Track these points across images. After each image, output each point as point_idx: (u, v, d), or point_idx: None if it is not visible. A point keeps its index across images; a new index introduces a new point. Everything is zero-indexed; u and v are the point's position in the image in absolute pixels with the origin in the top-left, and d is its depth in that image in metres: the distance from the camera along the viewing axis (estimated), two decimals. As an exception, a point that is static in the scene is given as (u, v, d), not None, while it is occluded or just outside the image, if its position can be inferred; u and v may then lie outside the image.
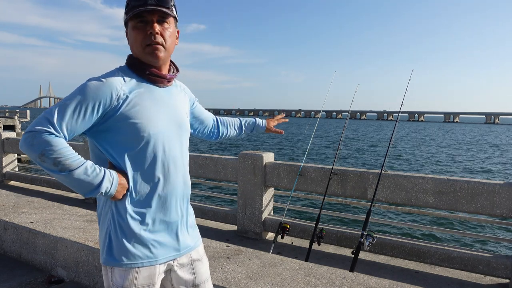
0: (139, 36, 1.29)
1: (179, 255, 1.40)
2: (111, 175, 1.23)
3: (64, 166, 1.15)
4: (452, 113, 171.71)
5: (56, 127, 1.16)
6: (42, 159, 1.14)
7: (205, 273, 1.51)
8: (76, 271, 3.00)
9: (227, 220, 4.98)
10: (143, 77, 1.33)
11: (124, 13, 1.33)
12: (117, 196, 1.26)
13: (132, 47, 1.34)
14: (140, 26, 1.29)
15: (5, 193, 4.49)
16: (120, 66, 1.36)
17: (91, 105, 1.20)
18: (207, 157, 5.06)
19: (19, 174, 7.73)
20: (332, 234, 4.18)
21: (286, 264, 2.58)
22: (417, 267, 3.80)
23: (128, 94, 1.26)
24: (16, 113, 39.70)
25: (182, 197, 1.41)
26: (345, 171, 4.10)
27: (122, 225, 1.28)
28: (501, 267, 3.43)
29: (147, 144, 1.28)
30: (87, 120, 1.22)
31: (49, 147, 1.14)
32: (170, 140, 1.35)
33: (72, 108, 1.19)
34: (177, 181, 1.37)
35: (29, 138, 1.15)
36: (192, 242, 1.46)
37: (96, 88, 1.22)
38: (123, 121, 1.25)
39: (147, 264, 1.30)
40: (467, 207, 3.53)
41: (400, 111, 3.75)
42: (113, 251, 1.28)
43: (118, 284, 1.28)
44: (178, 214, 1.39)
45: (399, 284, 2.27)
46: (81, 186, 1.19)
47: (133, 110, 1.26)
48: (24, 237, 3.38)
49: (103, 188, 1.21)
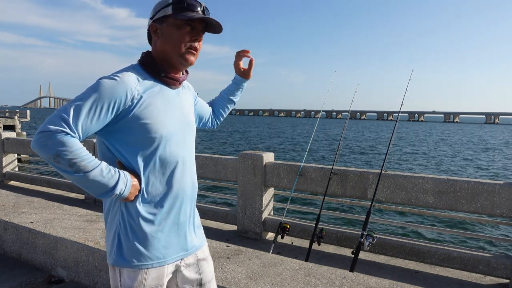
0: (185, 37, 1.30)
1: (187, 255, 1.41)
2: (125, 176, 1.22)
3: (79, 168, 1.13)
4: (452, 113, 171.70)
5: (71, 127, 1.13)
6: (56, 160, 1.11)
7: (210, 273, 1.51)
8: (76, 271, 3.00)
9: (227, 220, 4.98)
10: (157, 78, 1.32)
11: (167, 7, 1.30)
12: (130, 197, 1.24)
13: (166, 45, 1.32)
14: (188, 29, 1.30)
15: (5, 193, 4.49)
16: (132, 65, 1.34)
17: (107, 105, 1.18)
18: (207, 157, 5.06)
19: (19, 174, 7.73)
20: (332, 234, 4.18)
21: (286, 264, 2.58)
22: (417, 267, 3.80)
23: (142, 94, 1.25)
24: (16, 113, 39.70)
25: (190, 198, 1.41)
26: (345, 171, 4.10)
27: (132, 226, 1.27)
28: (501, 267, 3.43)
29: (159, 145, 1.28)
30: (102, 120, 1.19)
31: (64, 148, 1.10)
32: (180, 141, 1.35)
33: (88, 107, 1.15)
34: (186, 182, 1.38)
35: (42, 138, 1.11)
36: (198, 242, 1.47)
37: (112, 87, 1.19)
38: (135, 122, 1.23)
39: (157, 265, 1.30)
40: (467, 207, 3.53)
41: (400, 111, 3.75)
42: (123, 252, 1.27)
43: (126, 285, 1.28)
44: (186, 215, 1.39)
45: (399, 284, 2.27)
46: (96, 188, 1.18)
47: (146, 111, 1.25)
48: (24, 237, 3.38)
49: (118, 190, 1.19)
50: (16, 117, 32.01)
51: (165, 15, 1.31)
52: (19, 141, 7.40)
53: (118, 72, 1.26)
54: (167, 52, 1.32)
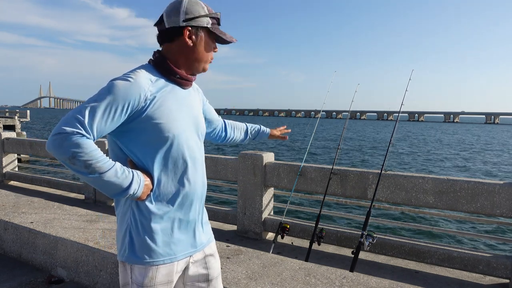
0: (208, 51, 1.40)
1: (195, 252, 1.43)
2: (139, 176, 1.24)
3: (94, 169, 1.15)
4: (452, 113, 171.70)
5: (87, 129, 1.15)
6: (72, 162, 1.13)
7: (217, 269, 1.54)
8: (76, 271, 3.00)
9: (227, 220, 4.98)
10: (169, 78, 1.34)
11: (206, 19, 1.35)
12: (142, 197, 1.27)
13: (193, 52, 1.36)
14: (212, 44, 1.41)
15: (5, 193, 4.49)
16: (144, 65, 1.36)
17: (121, 106, 1.20)
18: (207, 157, 5.06)
19: (19, 174, 7.73)
20: (332, 234, 4.18)
21: (286, 264, 2.58)
22: (417, 267, 3.80)
23: (155, 94, 1.27)
24: (16, 113, 39.69)
25: (200, 197, 1.43)
26: (345, 171, 4.10)
27: (144, 223, 1.29)
28: (501, 267, 3.43)
29: (171, 144, 1.30)
30: (116, 121, 1.21)
31: (80, 150, 1.12)
32: (191, 141, 1.37)
33: (103, 109, 1.17)
34: (197, 181, 1.40)
35: (58, 140, 1.12)
36: (206, 238, 1.49)
37: (126, 88, 1.21)
38: (148, 122, 1.25)
39: (168, 261, 1.33)
40: (467, 207, 3.53)
41: (400, 111, 3.75)
42: (135, 249, 1.29)
43: (138, 281, 1.30)
44: (196, 213, 1.41)
45: (399, 284, 2.27)
46: (111, 188, 1.20)
47: (158, 111, 1.26)
48: (24, 237, 3.38)
49: (132, 190, 1.22)
50: (16, 117, 32.00)
51: (201, 26, 1.35)
52: (19, 141, 7.40)
53: (130, 72, 1.28)
54: (191, 57, 1.36)
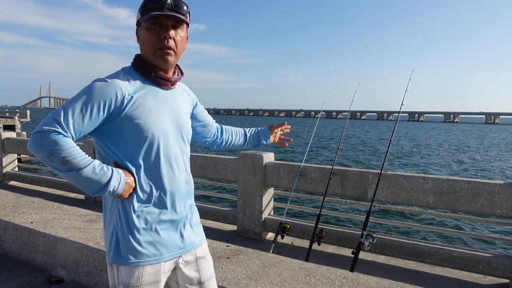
0: (152, 38, 1.31)
1: (184, 252, 1.43)
2: (119, 174, 1.26)
3: (72, 165, 1.17)
4: (452, 113, 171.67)
5: (63, 127, 1.18)
6: (50, 159, 1.16)
7: (210, 270, 1.53)
8: (76, 271, 3.00)
9: (227, 220, 4.98)
10: (148, 79, 1.35)
11: (139, 12, 1.34)
12: (124, 195, 1.28)
13: (143, 48, 1.35)
14: (155, 28, 1.31)
15: (5, 193, 4.49)
16: (124, 67, 1.38)
17: (97, 105, 1.22)
18: (207, 157, 5.06)
19: (19, 174, 7.73)
20: (332, 234, 4.18)
21: (286, 264, 2.58)
22: (417, 267, 3.80)
23: (133, 94, 1.29)
24: (16, 113, 39.66)
25: (185, 195, 1.44)
26: (345, 171, 4.10)
27: (129, 223, 1.30)
28: (501, 267, 3.43)
29: (151, 144, 1.31)
30: (93, 120, 1.24)
31: (57, 147, 1.16)
32: (172, 141, 1.38)
33: (79, 108, 1.21)
34: (180, 179, 1.41)
35: (37, 139, 1.17)
36: (196, 240, 1.49)
37: (102, 88, 1.24)
38: (127, 122, 1.27)
39: (154, 262, 1.33)
40: (467, 207, 3.53)
41: (400, 111, 3.75)
42: (120, 250, 1.30)
43: (124, 281, 1.31)
44: (182, 212, 1.42)
45: (399, 284, 2.28)
46: (89, 185, 1.21)
47: (137, 111, 1.28)
48: (24, 237, 3.38)
49: (111, 187, 1.23)
50: (16, 117, 31.99)
51: (138, 20, 1.36)
52: (19, 141, 7.40)
53: (111, 74, 1.32)
54: (145, 54, 1.36)
